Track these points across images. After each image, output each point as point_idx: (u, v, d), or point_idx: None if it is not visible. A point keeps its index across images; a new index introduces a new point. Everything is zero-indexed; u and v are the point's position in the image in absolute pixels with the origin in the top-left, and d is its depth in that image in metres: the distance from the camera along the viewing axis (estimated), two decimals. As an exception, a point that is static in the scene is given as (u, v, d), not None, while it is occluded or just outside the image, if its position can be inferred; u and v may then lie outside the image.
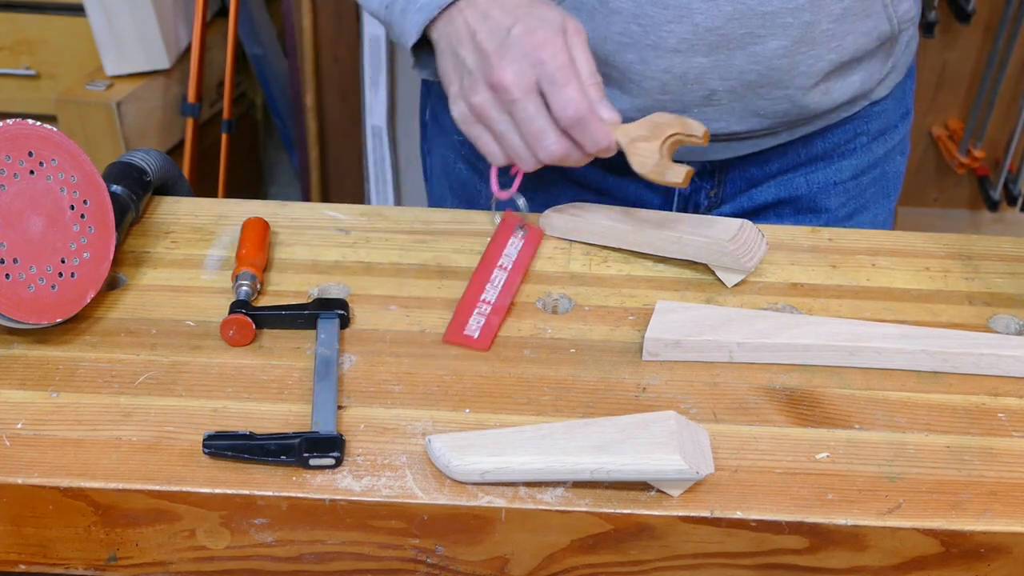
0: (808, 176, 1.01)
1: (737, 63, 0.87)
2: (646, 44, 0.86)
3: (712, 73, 0.87)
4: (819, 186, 1.02)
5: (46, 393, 0.71)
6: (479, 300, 0.80)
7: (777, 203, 1.02)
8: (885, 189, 1.07)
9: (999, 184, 2.49)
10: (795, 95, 0.90)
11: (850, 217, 1.04)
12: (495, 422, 0.70)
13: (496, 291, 0.81)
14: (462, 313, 0.79)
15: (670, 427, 0.65)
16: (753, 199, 1.01)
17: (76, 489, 0.65)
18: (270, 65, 2.53)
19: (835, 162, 1.01)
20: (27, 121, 0.74)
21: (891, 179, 1.07)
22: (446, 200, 1.10)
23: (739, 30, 0.85)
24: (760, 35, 0.85)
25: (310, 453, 0.65)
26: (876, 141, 1.03)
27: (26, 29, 2.26)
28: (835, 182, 1.02)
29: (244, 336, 0.76)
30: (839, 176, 1.02)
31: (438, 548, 0.66)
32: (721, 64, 0.87)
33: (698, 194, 1.00)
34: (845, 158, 1.01)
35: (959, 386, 0.74)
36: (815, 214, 1.03)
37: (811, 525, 0.64)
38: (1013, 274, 0.86)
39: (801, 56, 0.87)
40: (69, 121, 2.17)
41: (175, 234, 0.88)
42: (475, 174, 1.05)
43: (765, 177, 1.00)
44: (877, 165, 1.04)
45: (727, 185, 1.00)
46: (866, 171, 1.03)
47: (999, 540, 0.64)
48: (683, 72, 0.87)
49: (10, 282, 0.71)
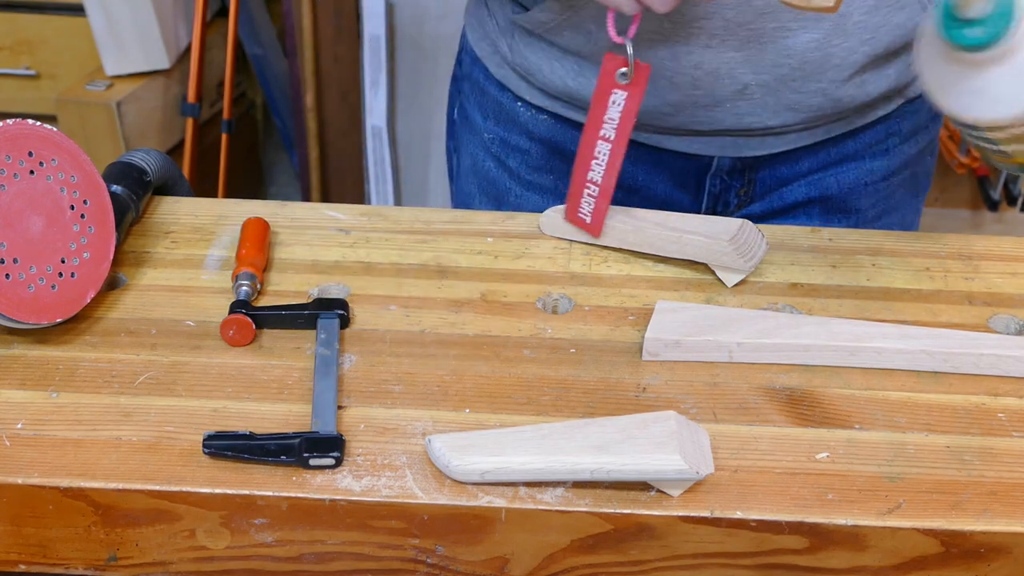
0: (839, 176, 1.01)
1: (769, 57, 0.86)
2: (676, 40, 0.85)
3: (744, 67, 0.87)
4: (850, 186, 1.01)
5: (46, 393, 0.71)
6: (587, 181, 0.82)
7: (807, 202, 1.01)
8: (914, 189, 1.06)
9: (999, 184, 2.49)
10: (829, 88, 0.90)
11: (879, 218, 1.04)
12: (495, 422, 0.70)
13: (602, 169, 0.82)
14: (575, 194, 0.84)
15: (670, 427, 0.65)
16: (783, 198, 1.01)
17: (76, 489, 0.65)
18: (270, 65, 2.53)
19: (867, 162, 1.01)
20: (27, 121, 0.74)
21: (921, 179, 1.07)
22: (474, 198, 1.09)
23: (770, 24, 0.84)
24: (792, 28, 0.85)
25: (310, 453, 0.65)
26: (908, 142, 1.02)
27: (26, 29, 2.26)
28: (866, 183, 1.02)
29: (244, 336, 0.76)
30: (870, 177, 1.01)
31: (438, 548, 0.66)
32: (753, 58, 0.86)
33: (728, 193, 1.00)
34: (877, 159, 1.01)
35: (959, 386, 0.74)
36: (845, 215, 1.02)
37: (811, 525, 0.64)
38: (1013, 274, 0.86)
39: (834, 49, 0.87)
40: (69, 121, 2.17)
41: (175, 234, 0.88)
42: (504, 171, 1.05)
43: (795, 176, 1.00)
44: (908, 166, 1.04)
45: (757, 184, 1.00)
46: (897, 172, 1.03)
47: (999, 540, 0.64)
48: (715, 67, 0.87)
49: (10, 282, 0.71)
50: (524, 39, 0.95)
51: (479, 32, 1.03)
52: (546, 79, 0.95)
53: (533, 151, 1.02)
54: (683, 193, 1.00)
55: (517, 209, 1.03)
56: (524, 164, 1.03)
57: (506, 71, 1.00)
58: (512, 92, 1.00)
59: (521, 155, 1.02)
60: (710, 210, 1.01)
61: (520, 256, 0.87)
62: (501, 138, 1.03)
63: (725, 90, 0.88)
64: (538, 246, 0.88)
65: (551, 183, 1.02)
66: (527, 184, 1.03)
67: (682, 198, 1.00)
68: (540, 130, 1.00)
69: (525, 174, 1.03)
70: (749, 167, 0.98)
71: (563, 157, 1.00)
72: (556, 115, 0.98)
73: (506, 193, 1.05)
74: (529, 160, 1.02)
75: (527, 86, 0.98)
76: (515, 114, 1.01)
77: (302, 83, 2.32)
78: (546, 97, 0.98)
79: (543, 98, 0.98)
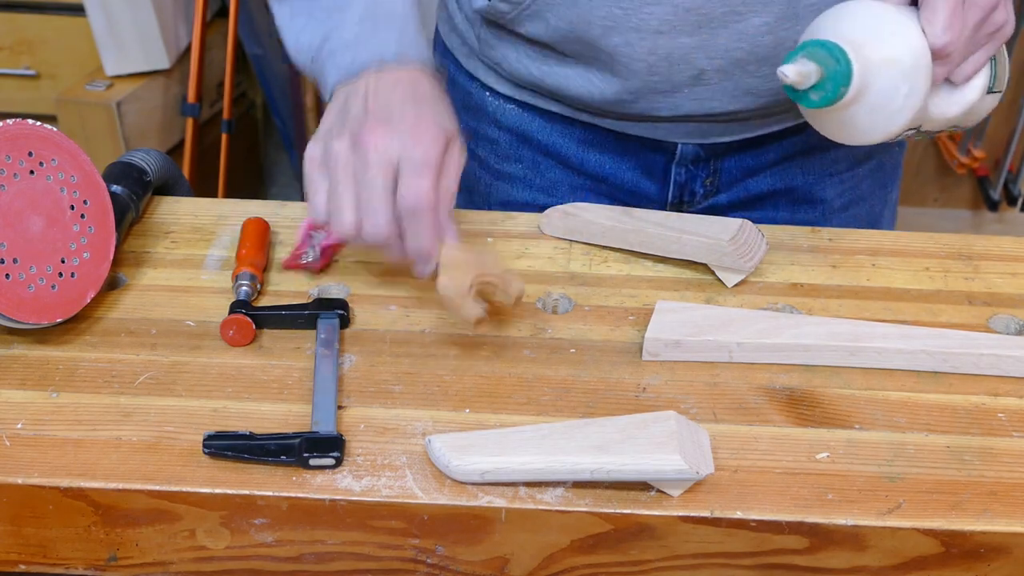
0: (804, 166, 1.01)
1: (722, 41, 0.87)
2: (629, 26, 0.86)
3: (698, 52, 0.87)
4: (815, 176, 1.02)
5: (46, 393, 0.71)
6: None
7: (773, 193, 1.02)
8: (882, 180, 1.07)
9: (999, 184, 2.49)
10: None
11: (846, 208, 1.04)
12: (495, 422, 0.70)
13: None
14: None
15: (670, 427, 0.65)
16: (749, 189, 1.01)
17: (76, 489, 0.65)
18: (270, 65, 2.53)
19: (831, 152, 1.01)
20: (27, 121, 0.74)
21: (888, 171, 1.07)
22: None
23: (720, 8, 0.85)
24: (742, 12, 0.85)
25: (310, 453, 0.65)
26: None
27: (26, 29, 2.26)
28: (831, 173, 1.02)
29: (244, 336, 0.76)
30: (835, 168, 1.02)
31: (438, 548, 0.66)
32: (706, 43, 0.87)
33: (693, 182, 1.00)
34: (841, 148, 1.01)
35: (959, 386, 0.74)
36: (811, 204, 1.03)
37: (811, 525, 0.64)
38: (1013, 274, 0.86)
39: (785, 32, 0.87)
40: (69, 121, 2.17)
41: (175, 234, 0.88)
42: (474, 161, 1.05)
43: (761, 167, 1.01)
44: (873, 156, 1.04)
45: (723, 174, 1.00)
46: (862, 161, 1.03)
47: (999, 540, 0.64)
48: (668, 52, 0.87)
49: (10, 282, 0.71)
50: (490, 30, 0.96)
51: (449, 25, 1.04)
52: (512, 68, 0.96)
53: (501, 140, 1.02)
54: (650, 181, 1.00)
55: (487, 198, 1.05)
56: (493, 154, 1.03)
57: (475, 62, 1.01)
58: (481, 82, 1.01)
59: (490, 145, 1.03)
60: (676, 199, 1.01)
61: (520, 256, 0.87)
62: (471, 128, 1.04)
63: (681, 76, 0.89)
64: (538, 246, 0.88)
65: (520, 172, 1.03)
66: (496, 173, 1.04)
67: (649, 187, 1.01)
68: (508, 119, 1.01)
69: (494, 163, 1.04)
70: (714, 156, 0.99)
71: (531, 146, 1.01)
72: (523, 104, 0.99)
73: (476, 183, 1.06)
74: (498, 150, 1.03)
75: (495, 76, 1.00)
76: (483, 104, 1.02)
77: (302, 83, 2.32)
78: (513, 87, 0.99)
79: (510, 88, 0.99)
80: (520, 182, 1.03)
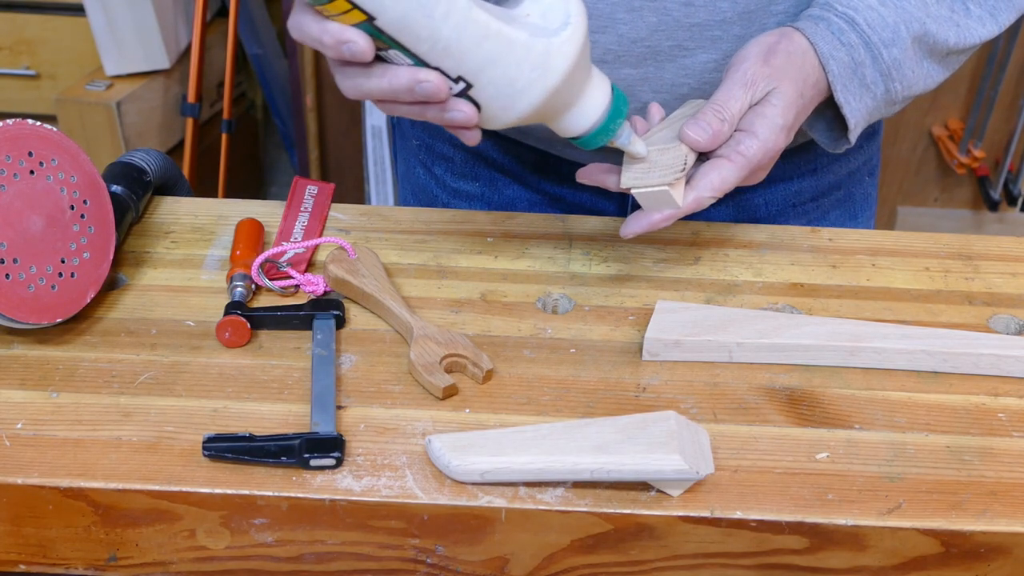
0: (767, 197, 0.99)
1: (668, 76, 0.85)
2: None
3: (643, 85, 0.86)
4: (778, 208, 0.99)
5: (46, 393, 0.71)
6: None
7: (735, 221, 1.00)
8: (852, 211, 1.04)
9: (999, 184, 2.49)
10: None
11: None
12: (495, 422, 0.70)
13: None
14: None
15: (670, 427, 0.65)
16: (709, 216, 0.99)
17: (76, 489, 0.65)
18: (270, 65, 2.53)
19: (794, 183, 0.99)
20: (27, 121, 0.74)
21: (858, 201, 1.04)
22: (408, 203, 1.10)
23: (666, 42, 0.83)
24: (688, 48, 0.84)
25: (310, 454, 0.65)
26: (838, 161, 1.00)
27: (26, 29, 2.26)
28: (794, 204, 1.00)
29: (240, 337, 0.76)
30: (798, 198, 1.00)
31: (438, 548, 0.66)
32: (651, 76, 0.85)
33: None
34: (804, 179, 0.99)
35: (959, 386, 0.74)
36: None
37: (811, 525, 0.64)
38: (1013, 274, 0.86)
39: None
40: (69, 121, 2.17)
41: (175, 234, 0.88)
42: (431, 178, 1.05)
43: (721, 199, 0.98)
44: (840, 186, 1.02)
45: None
46: (827, 192, 1.01)
47: (999, 540, 0.64)
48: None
49: (10, 282, 0.71)
50: None
51: None
52: None
53: (456, 158, 1.02)
54: (607, 201, 0.99)
55: None
56: (449, 171, 1.03)
57: None
58: None
59: (446, 163, 1.03)
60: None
61: (520, 256, 0.87)
62: (427, 145, 1.04)
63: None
64: (538, 246, 0.88)
65: (477, 190, 1.02)
66: (453, 192, 1.04)
67: (606, 205, 1.00)
68: None
69: (450, 181, 1.03)
70: None
71: (487, 163, 1.01)
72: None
73: (434, 200, 1.05)
74: (453, 167, 1.03)
75: None
76: None
77: (302, 83, 2.32)
78: None
79: None
80: (477, 200, 1.02)
